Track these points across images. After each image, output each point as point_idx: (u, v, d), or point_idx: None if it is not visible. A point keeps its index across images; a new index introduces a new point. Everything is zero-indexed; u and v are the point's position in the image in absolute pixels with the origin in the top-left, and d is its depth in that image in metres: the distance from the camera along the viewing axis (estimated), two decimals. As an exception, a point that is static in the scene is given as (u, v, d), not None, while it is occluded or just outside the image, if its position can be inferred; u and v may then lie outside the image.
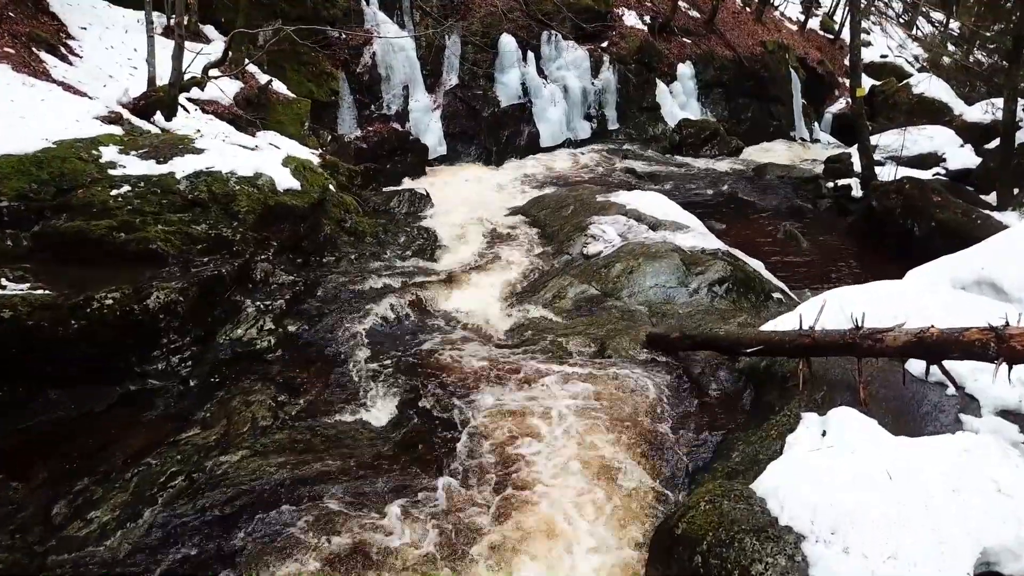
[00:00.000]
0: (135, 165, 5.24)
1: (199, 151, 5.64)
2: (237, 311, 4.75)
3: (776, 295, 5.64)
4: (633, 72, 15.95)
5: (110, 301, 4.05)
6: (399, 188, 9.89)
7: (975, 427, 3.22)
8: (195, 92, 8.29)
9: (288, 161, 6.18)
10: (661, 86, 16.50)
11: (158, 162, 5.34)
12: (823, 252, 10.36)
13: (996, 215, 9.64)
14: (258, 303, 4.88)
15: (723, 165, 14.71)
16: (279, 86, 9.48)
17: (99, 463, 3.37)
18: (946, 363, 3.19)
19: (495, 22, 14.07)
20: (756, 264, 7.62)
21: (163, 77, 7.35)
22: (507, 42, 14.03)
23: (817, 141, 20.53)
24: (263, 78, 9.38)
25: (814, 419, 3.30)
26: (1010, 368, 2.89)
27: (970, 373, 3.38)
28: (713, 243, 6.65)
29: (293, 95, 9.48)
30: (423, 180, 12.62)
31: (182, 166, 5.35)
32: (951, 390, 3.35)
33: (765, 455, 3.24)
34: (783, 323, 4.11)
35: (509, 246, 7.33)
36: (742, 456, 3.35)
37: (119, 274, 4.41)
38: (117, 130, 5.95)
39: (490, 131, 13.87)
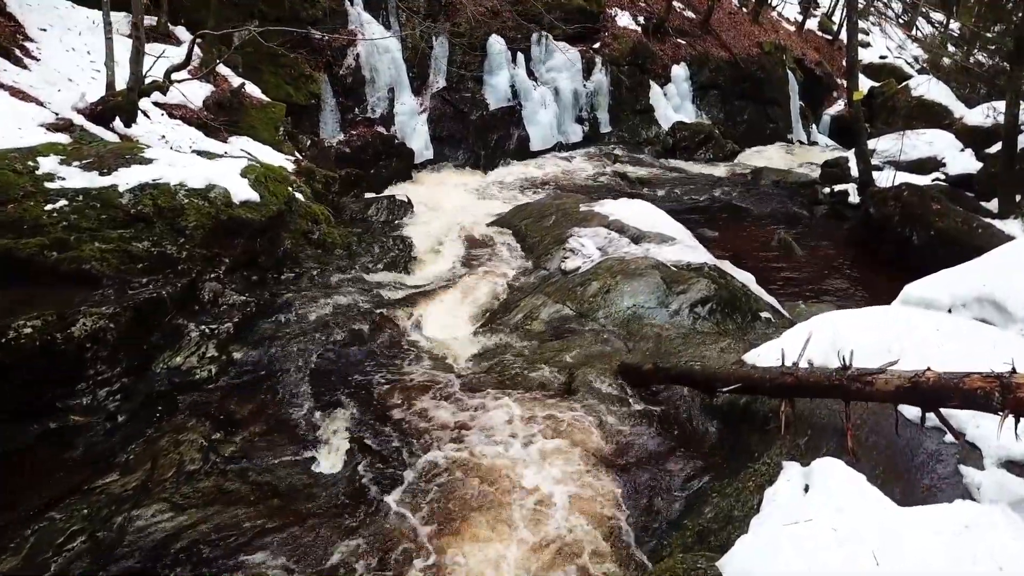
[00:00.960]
0: (75, 177, 4.88)
1: (148, 161, 5.28)
2: (178, 336, 4.40)
3: (764, 314, 5.28)
4: (626, 74, 15.59)
5: (29, 330, 3.69)
6: (380, 195, 9.52)
7: (977, 482, 2.86)
8: (166, 96, 7.93)
9: (248, 171, 5.81)
10: (655, 88, 16.14)
11: (101, 174, 4.98)
12: (818, 261, 10.01)
13: (997, 223, 9.28)
14: (203, 327, 4.52)
15: (717, 169, 14.35)
16: (253, 89, 9.13)
17: (-2, 517, 3.02)
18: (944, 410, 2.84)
19: (484, 23, 13.70)
20: (746, 277, 7.26)
21: (126, 80, 7.00)
22: (496, 43, 13.68)
23: (815, 144, 20.18)
24: (237, 81, 9.02)
25: (796, 471, 2.94)
26: (1017, 421, 2.54)
27: (971, 417, 3.02)
28: (700, 256, 6.29)
29: (268, 99, 9.13)
30: (408, 185, 12.28)
31: (127, 178, 4.98)
32: (950, 437, 2.99)
33: (740, 511, 2.89)
34: (765, 354, 3.75)
35: (487, 259, 6.98)
36: (715, 511, 3.00)
37: (48, 298, 4.06)
38: (63, 139, 5.59)
39: (478, 135, 13.52)
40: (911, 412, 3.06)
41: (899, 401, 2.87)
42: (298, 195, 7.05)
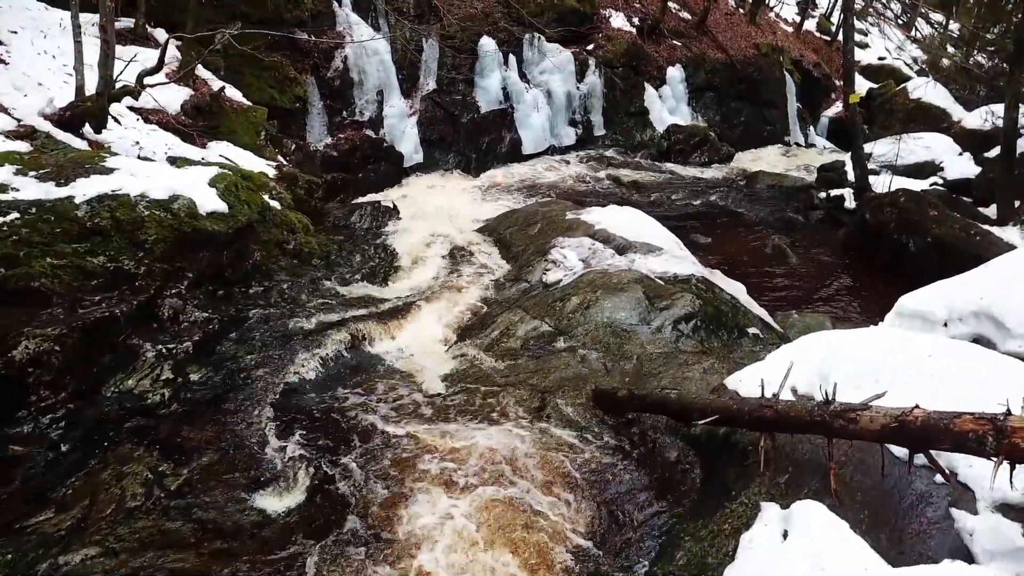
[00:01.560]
0: (30, 188, 4.66)
1: (109, 171, 5.06)
2: (132, 357, 4.18)
3: (752, 330, 5.06)
4: (620, 76, 15.36)
5: (-35, 354, 3.48)
6: (365, 200, 9.31)
7: (970, 527, 2.65)
8: (143, 101, 7.71)
9: (218, 180, 5.60)
10: (650, 90, 15.91)
11: (58, 184, 4.77)
12: (813, 268, 9.80)
13: (996, 230, 9.05)
14: (160, 347, 4.30)
15: (712, 173, 14.14)
16: (234, 93, 8.91)
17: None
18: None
19: (475, 24, 13.48)
20: (736, 288, 7.05)
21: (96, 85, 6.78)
22: (487, 45, 13.45)
23: (812, 146, 19.96)
24: (218, 84, 8.80)
25: (774, 514, 2.73)
26: (1012, 468, 2.32)
27: (963, 456, 2.81)
28: (687, 267, 6.07)
29: (249, 102, 8.90)
30: (397, 190, 12.07)
31: (85, 189, 4.77)
32: (940, 477, 2.78)
33: (715, 558, 2.68)
34: (748, 379, 3.54)
35: (469, 268, 6.76)
36: (688, 557, 2.78)
37: (-7, 317, 3.84)
38: (23, 146, 5.38)
39: (469, 138, 13.29)
40: (900, 448, 2.85)
41: (885, 441, 2.65)
42: (274, 203, 6.85)
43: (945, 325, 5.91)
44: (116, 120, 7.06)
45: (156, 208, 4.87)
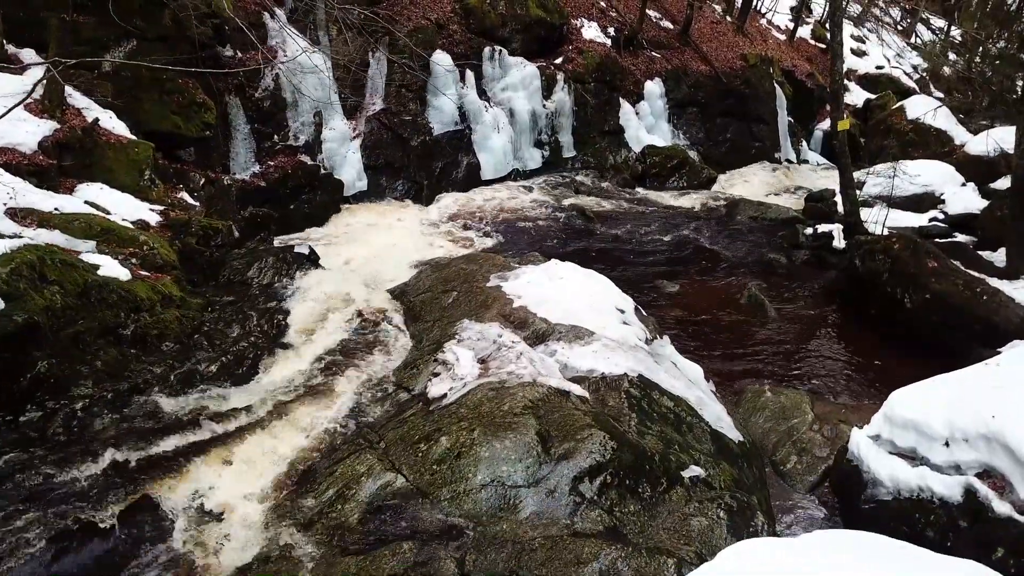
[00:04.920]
0: None
1: None
2: None
3: (690, 473, 3.79)
4: (592, 92, 14.11)
5: None
6: (271, 248, 8.03)
7: None
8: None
9: (4, 261, 4.33)
10: (625, 106, 14.66)
11: None
12: (794, 323, 8.53)
13: (1006, 286, 7.79)
14: None
15: (690, 200, 12.86)
16: (115, 124, 7.64)
17: None
18: None
19: (428, 36, 12.23)
20: (691, 372, 5.78)
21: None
22: (441, 60, 12.19)
23: (805, 162, 18.71)
24: (94, 115, 7.54)
25: None
26: None
27: None
28: (622, 359, 4.80)
29: (132, 136, 7.63)
30: (334, 223, 10.83)
31: None
32: None
33: None
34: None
35: (359, 355, 5.52)
36: None
37: None
38: None
39: (421, 162, 12.05)
40: None
41: None
42: (121, 271, 5.56)
43: (947, 445, 4.67)
44: (-67, 168, 5.82)
45: None
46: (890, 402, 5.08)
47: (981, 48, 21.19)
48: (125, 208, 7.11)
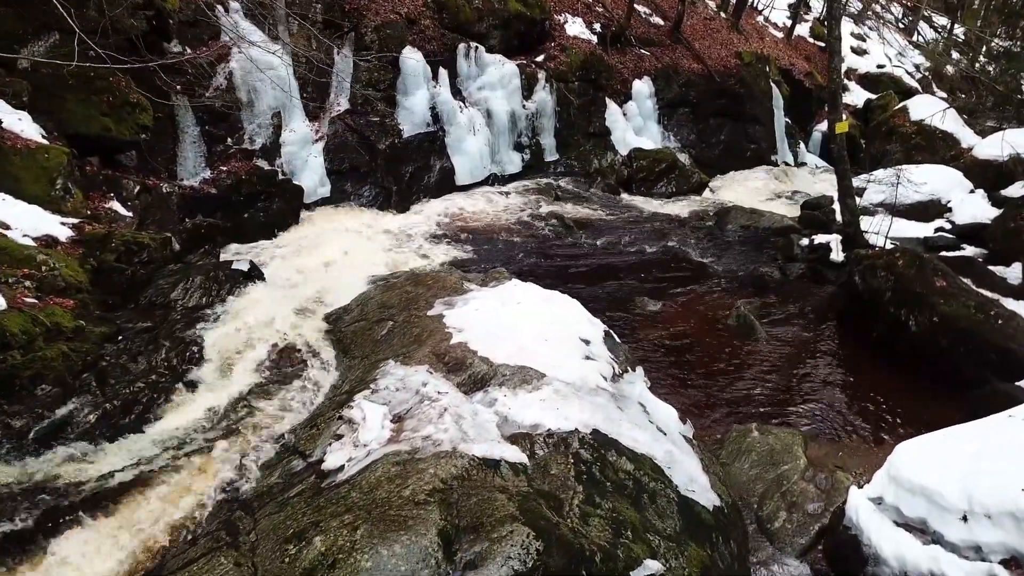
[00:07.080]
0: None
1: None
2: None
3: (645, 572, 2.99)
4: (576, 91, 13.30)
5: None
6: (203, 264, 7.21)
7: None
8: None
9: None
10: (612, 107, 13.84)
11: None
12: (787, 347, 7.71)
13: (1021, 308, 6.97)
14: None
15: (679, 207, 12.04)
16: (27, 128, 6.83)
17: None
18: None
19: (397, 32, 11.41)
20: (664, 415, 4.97)
21: None
22: (411, 57, 11.37)
23: (803, 164, 17.89)
24: (5, 116, 6.73)
25: None
26: None
27: None
28: (574, 413, 3.99)
29: (45, 140, 6.82)
30: (292, 232, 9.99)
31: None
32: None
33: None
34: None
35: (275, 396, 4.73)
36: None
37: None
38: None
39: (389, 167, 11.22)
40: None
41: None
42: (-5, 302, 4.76)
43: (964, 520, 3.87)
44: None
45: None
46: (895, 459, 4.27)
47: (985, 46, 20.41)
48: (29, 222, 6.28)
